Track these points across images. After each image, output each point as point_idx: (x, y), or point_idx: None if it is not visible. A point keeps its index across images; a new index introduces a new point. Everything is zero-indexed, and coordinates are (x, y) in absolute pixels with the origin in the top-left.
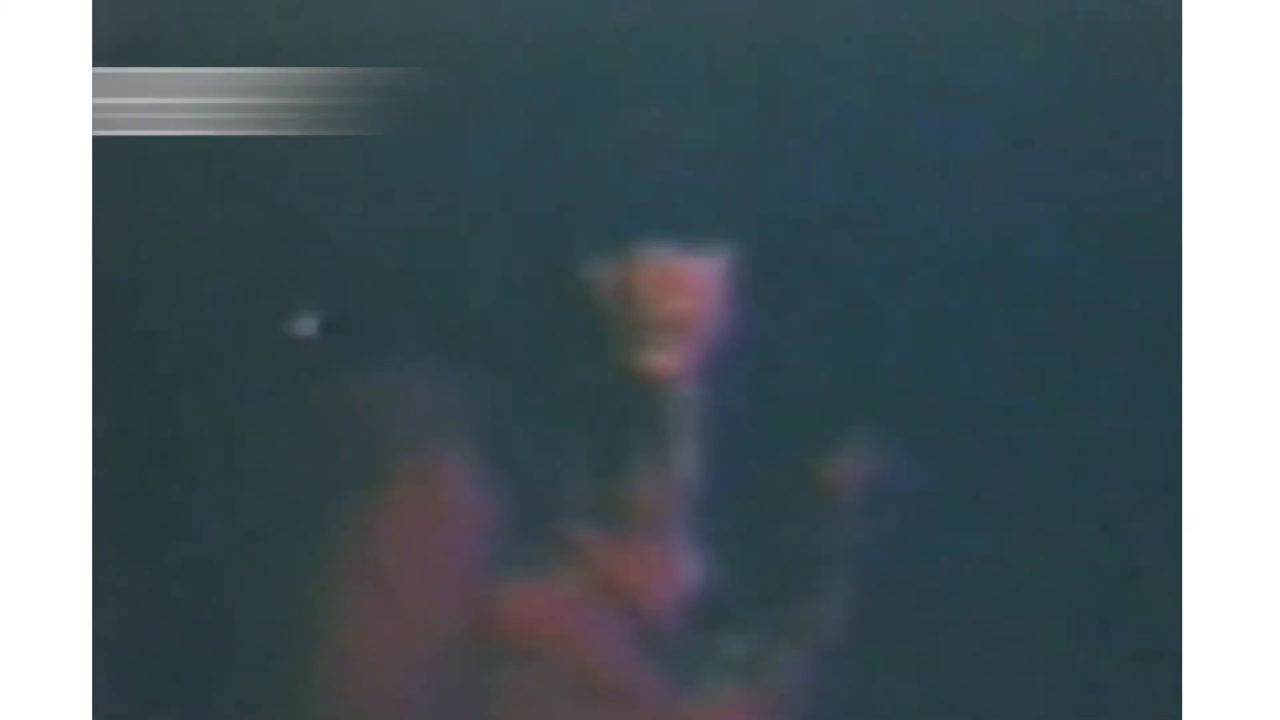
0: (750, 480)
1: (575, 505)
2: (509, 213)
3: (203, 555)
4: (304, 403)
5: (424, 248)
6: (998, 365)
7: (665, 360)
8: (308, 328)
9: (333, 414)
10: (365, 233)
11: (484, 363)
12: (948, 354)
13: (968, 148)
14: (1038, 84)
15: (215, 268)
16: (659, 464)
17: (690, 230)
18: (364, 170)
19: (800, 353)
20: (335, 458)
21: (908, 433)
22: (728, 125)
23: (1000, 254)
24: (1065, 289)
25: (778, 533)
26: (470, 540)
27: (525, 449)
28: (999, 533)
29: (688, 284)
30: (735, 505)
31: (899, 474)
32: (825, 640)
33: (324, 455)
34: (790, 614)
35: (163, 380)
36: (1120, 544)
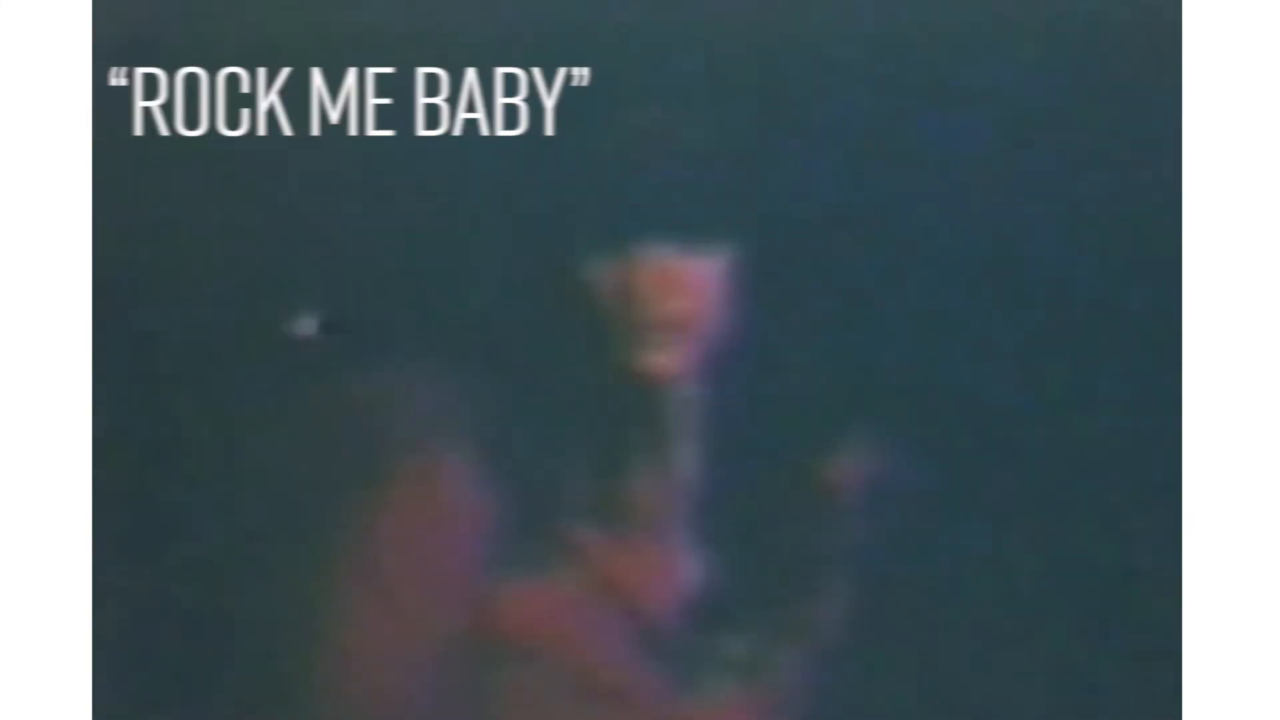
0: (750, 480)
1: (575, 505)
2: (509, 213)
3: (203, 555)
4: (304, 403)
5: (424, 248)
6: (998, 365)
7: (665, 360)
8: (308, 328)
9: (333, 414)
10: (365, 233)
11: (484, 363)
12: (948, 354)
13: (968, 148)
14: (1038, 84)
15: (215, 268)
16: (659, 464)
17: (690, 230)
18: (364, 170)
19: (800, 353)
20: (335, 458)
21: (908, 433)
22: (728, 125)
23: (1000, 254)
24: (1065, 289)
25: (778, 533)
26: (470, 540)
27: (525, 449)
28: (999, 533)
29: (688, 284)
30: (735, 505)
31: (899, 474)
32: (825, 640)
33: (324, 455)
34: (790, 614)
35: (163, 380)
36: (1120, 544)
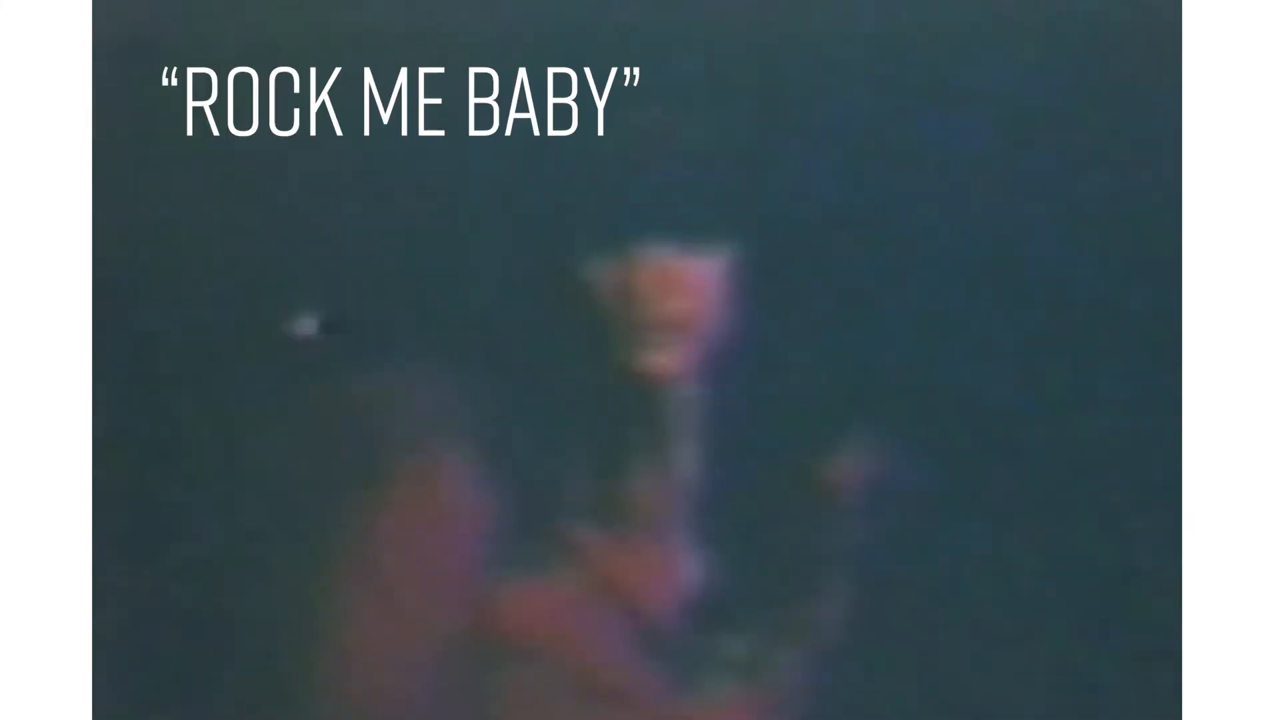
0: (750, 480)
1: (575, 505)
2: (509, 213)
3: (203, 555)
4: (304, 403)
5: (424, 248)
6: (998, 365)
7: (665, 360)
8: (308, 328)
9: (333, 414)
10: (365, 233)
11: (484, 363)
12: (948, 354)
13: (968, 148)
14: (1038, 84)
15: (215, 268)
16: (659, 464)
17: (690, 230)
18: (364, 170)
19: (800, 353)
20: (335, 458)
21: (908, 433)
22: (728, 125)
23: (1000, 254)
24: (1065, 289)
25: (778, 533)
26: (470, 540)
27: (525, 449)
28: (999, 533)
29: (688, 284)
30: (735, 505)
31: (899, 474)
32: (825, 640)
33: (324, 455)
34: (790, 614)
35: (163, 380)
36: (1120, 544)
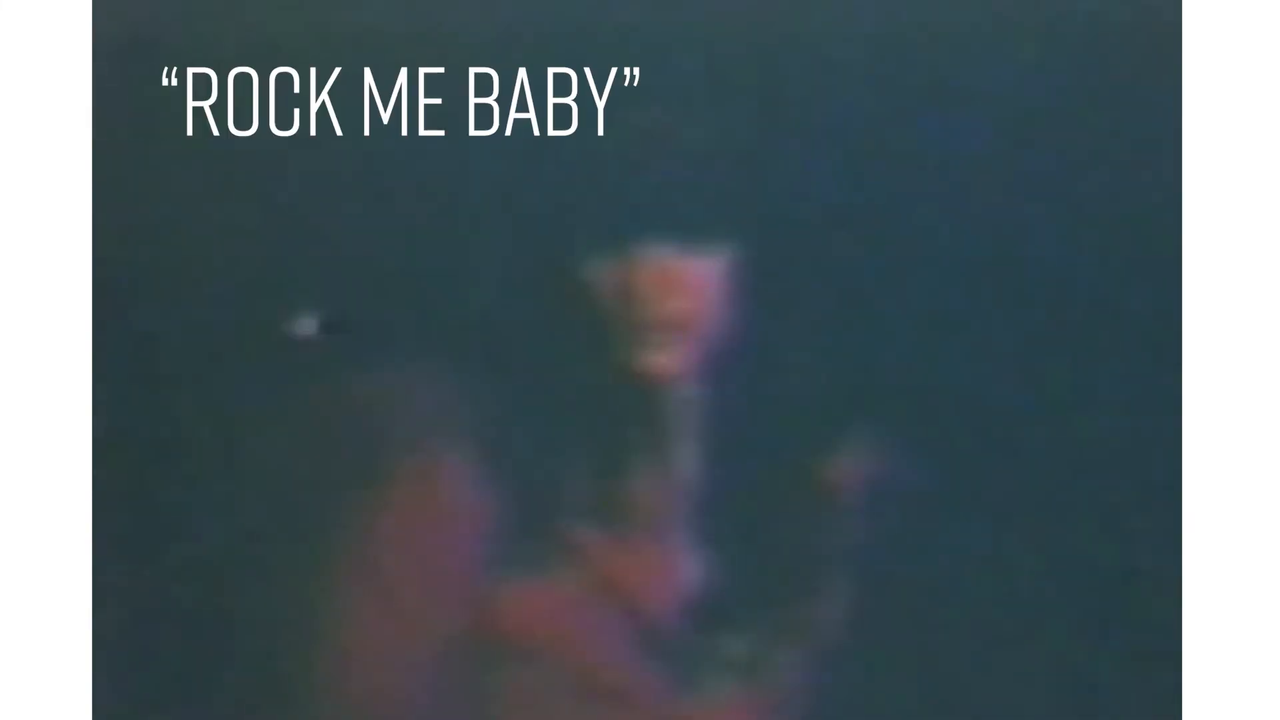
0: (750, 480)
1: (575, 505)
2: (509, 213)
3: (203, 555)
4: (304, 403)
5: (424, 248)
6: (998, 365)
7: (665, 360)
8: (308, 328)
9: (333, 414)
10: (365, 233)
11: (484, 363)
12: (948, 354)
13: (968, 148)
14: (1038, 84)
15: (215, 268)
16: (659, 464)
17: (690, 230)
18: (364, 170)
19: (800, 353)
20: (335, 458)
21: (908, 433)
22: (728, 125)
23: (1000, 254)
24: (1065, 289)
25: (778, 533)
26: (470, 540)
27: (525, 449)
28: (999, 533)
29: (688, 284)
30: (735, 505)
31: (899, 474)
32: (825, 640)
33: (324, 455)
34: (790, 614)
35: (163, 380)
36: (1120, 544)
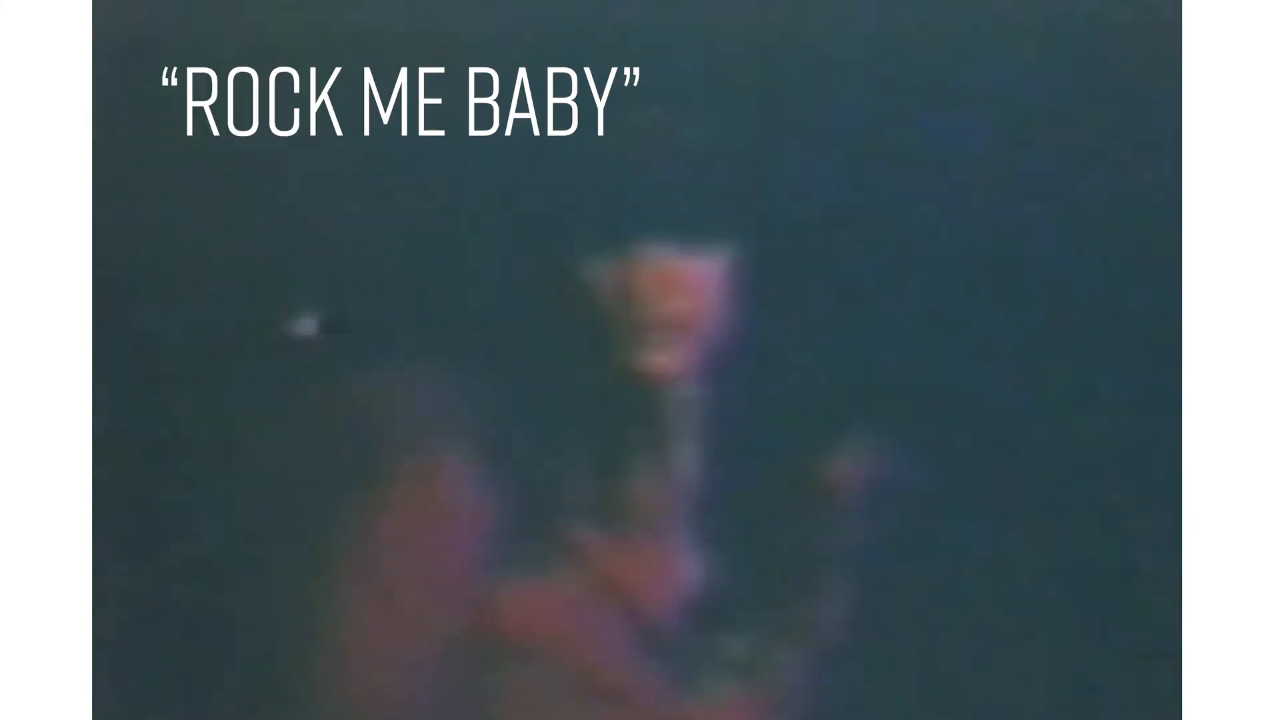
0: (750, 480)
1: (575, 505)
2: (509, 213)
3: (203, 555)
4: (304, 403)
5: (424, 248)
6: (998, 365)
7: (665, 360)
8: (308, 328)
9: (333, 414)
10: (365, 233)
11: (484, 363)
12: (948, 354)
13: (968, 148)
14: (1038, 84)
15: (215, 268)
16: (659, 464)
17: (690, 230)
18: (364, 170)
19: (800, 353)
20: (335, 458)
21: (908, 433)
22: (728, 125)
23: (1000, 254)
24: (1065, 289)
25: (778, 533)
26: (470, 540)
27: (525, 449)
28: (999, 533)
29: (688, 284)
30: (735, 505)
31: (899, 474)
32: (825, 640)
33: (324, 455)
34: (790, 614)
35: (163, 380)
36: (1120, 544)
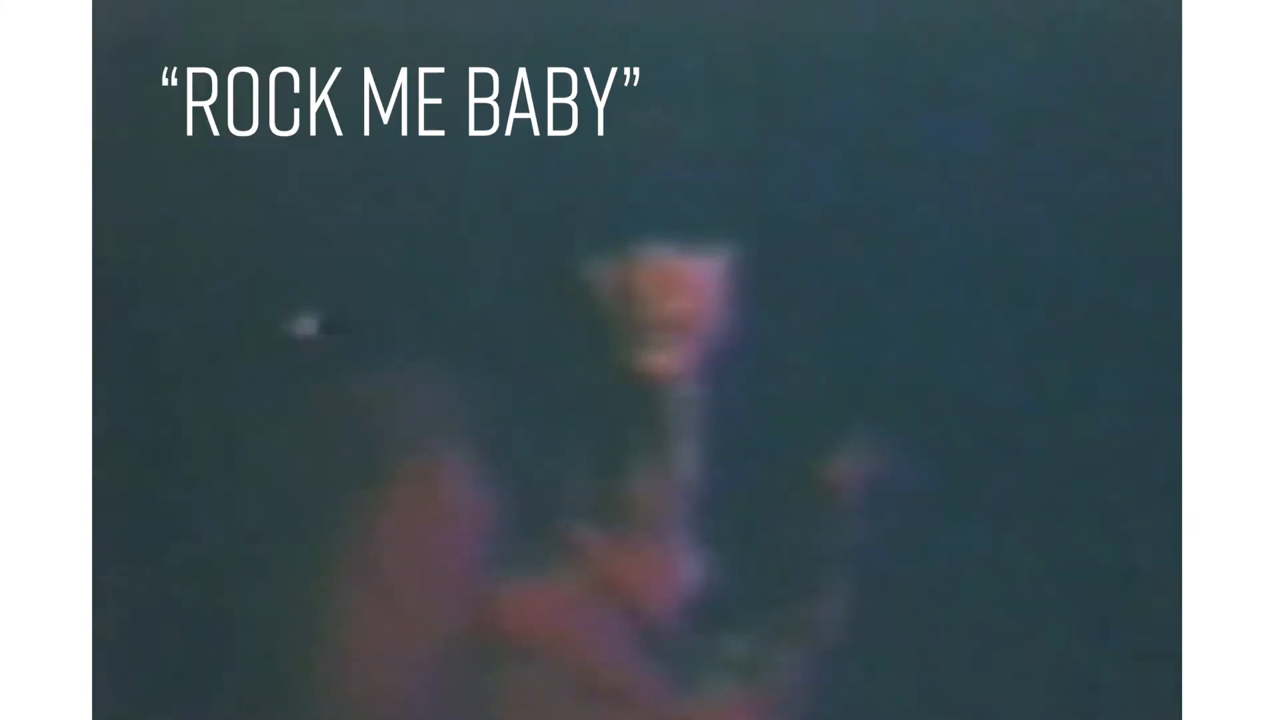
0: (750, 480)
1: (575, 505)
2: (509, 213)
3: (203, 555)
4: (304, 403)
5: (424, 248)
6: (998, 365)
7: (665, 360)
8: (308, 328)
9: (333, 414)
10: (365, 233)
11: (484, 363)
12: (948, 354)
13: (968, 148)
14: (1038, 84)
15: (215, 268)
16: (659, 464)
17: (690, 230)
18: (364, 170)
19: (800, 353)
20: (335, 458)
21: (908, 433)
22: (728, 125)
23: (1000, 254)
24: (1065, 289)
25: (778, 533)
26: (470, 540)
27: (525, 449)
28: (999, 533)
29: (688, 284)
30: (735, 505)
31: (899, 474)
32: (825, 640)
33: (324, 455)
34: (790, 614)
35: (163, 380)
36: (1120, 544)
